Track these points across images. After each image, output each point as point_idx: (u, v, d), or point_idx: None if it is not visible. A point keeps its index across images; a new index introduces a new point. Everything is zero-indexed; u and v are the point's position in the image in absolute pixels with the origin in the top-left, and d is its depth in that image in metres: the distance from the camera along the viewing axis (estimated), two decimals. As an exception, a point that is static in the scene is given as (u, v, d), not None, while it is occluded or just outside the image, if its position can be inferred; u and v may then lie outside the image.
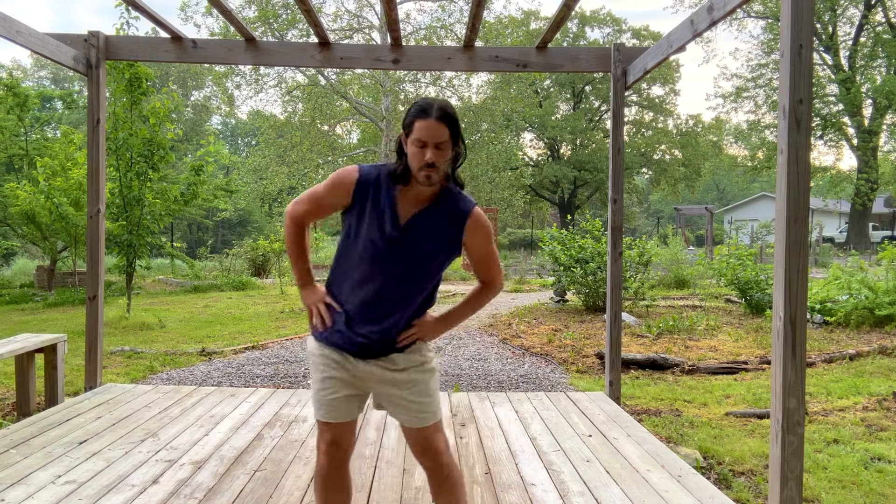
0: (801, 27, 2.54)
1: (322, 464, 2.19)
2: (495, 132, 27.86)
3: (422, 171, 1.98)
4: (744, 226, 36.08)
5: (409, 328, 2.15)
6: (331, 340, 2.16)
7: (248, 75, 25.45)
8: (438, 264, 2.13)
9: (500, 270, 2.26)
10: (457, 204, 2.11)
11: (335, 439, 2.18)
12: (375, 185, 2.07)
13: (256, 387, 5.95)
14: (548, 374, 6.66)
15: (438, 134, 1.95)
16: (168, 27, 4.71)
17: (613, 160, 4.89)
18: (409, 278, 2.09)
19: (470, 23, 4.54)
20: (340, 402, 2.16)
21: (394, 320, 2.12)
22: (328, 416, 2.16)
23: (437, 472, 2.20)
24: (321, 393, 2.16)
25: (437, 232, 2.09)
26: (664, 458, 3.56)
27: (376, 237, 2.06)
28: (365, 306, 2.11)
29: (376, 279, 2.08)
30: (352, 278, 2.12)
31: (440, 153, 1.97)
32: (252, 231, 36.40)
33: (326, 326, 2.16)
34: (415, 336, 2.16)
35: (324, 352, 2.17)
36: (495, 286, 2.27)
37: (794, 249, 2.57)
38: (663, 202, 56.78)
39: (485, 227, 2.14)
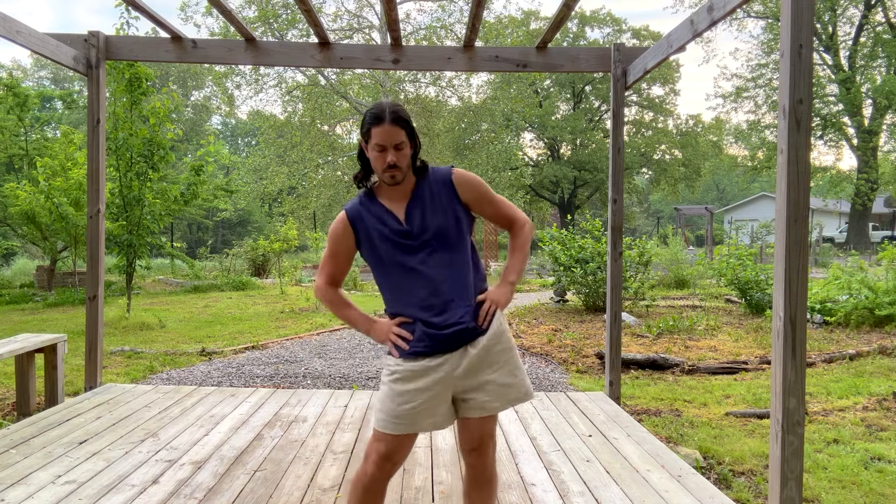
0: (801, 27, 2.54)
1: (370, 474, 2.16)
2: (495, 132, 27.88)
3: (386, 173, 2.10)
4: (744, 226, 36.09)
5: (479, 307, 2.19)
6: (416, 350, 2.15)
7: (248, 75, 25.45)
8: (457, 232, 2.18)
9: (515, 208, 2.32)
10: (436, 176, 2.21)
11: (390, 453, 2.15)
12: (364, 208, 2.20)
13: (256, 387, 5.95)
14: (548, 374, 6.66)
15: (395, 136, 2.07)
16: (168, 27, 4.71)
17: (613, 160, 4.89)
18: (443, 256, 2.15)
19: (470, 23, 4.54)
20: (422, 413, 2.13)
21: (461, 300, 2.15)
22: (399, 429, 2.13)
23: (482, 470, 2.27)
24: (400, 407, 2.12)
25: (435, 205, 2.17)
26: (664, 458, 3.56)
27: (391, 240, 2.15)
28: (431, 302, 2.14)
29: (419, 273, 2.14)
30: (402, 289, 2.17)
31: (400, 153, 2.09)
32: (252, 231, 36.43)
33: (409, 340, 2.17)
34: (491, 308, 2.20)
35: (407, 366, 2.15)
36: (522, 223, 2.31)
37: (794, 249, 2.57)
38: (663, 202, 56.78)
39: (472, 180, 2.22)
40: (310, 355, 7.52)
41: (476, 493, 2.30)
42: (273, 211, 35.29)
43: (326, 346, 8.16)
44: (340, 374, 6.60)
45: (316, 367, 6.87)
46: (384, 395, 2.18)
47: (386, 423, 2.14)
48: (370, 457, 2.17)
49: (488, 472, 2.28)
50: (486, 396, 2.18)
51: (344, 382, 6.25)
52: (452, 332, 2.13)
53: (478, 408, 2.20)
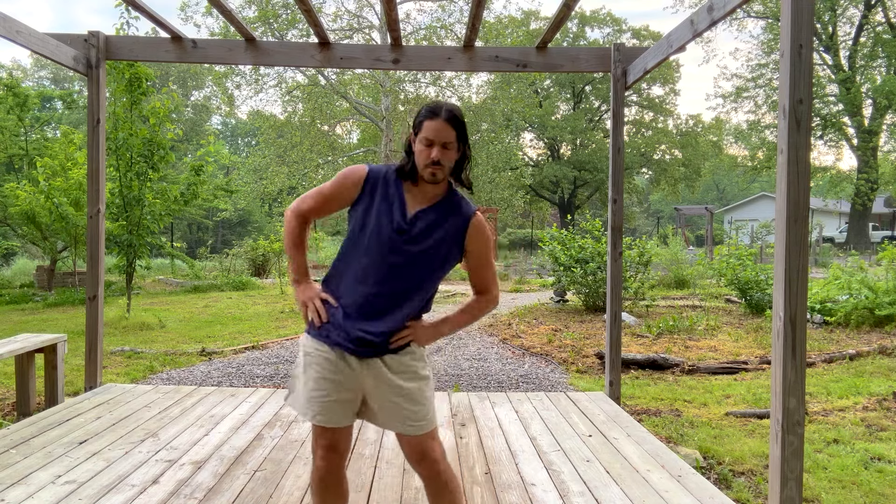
0: (801, 27, 2.54)
1: (319, 467, 2.18)
2: (495, 132, 27.86)
3: (427, 169, 2.07)
4: (744, 226, 36.08)
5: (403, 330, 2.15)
6: (329, 338, 2.13)
7: (248, 75, 25.44)
8: (440, 263, 2.15)
9: (496, 282, 2.27)
10: (460, 207, 2.18)
11: (332, 444, 2.16)
12: (384, 180, 2.15)
13: (256, 387, 5.95)
14: (548, 374, 6.66)
15: (445, 134, 2.05)
16: (168, 27, 4.71)
17: (613, 160, 4.89)
18: (410, 272, 2.11)
19: (470, 23, 4.54)
20: (335, 405, 2.13)
21: (391, 319, 2.12)
22: (323, 420, 2.13)
23: (435, 479, 2.19)
24: (315, 393, 2.13)
25: (440, 230, 2.13)
26: (664, 458, 3.56)
27: (385, 226, 2.10)
28: (365, 300, 2.11)
29: (379, 271, 2.10)
30: (354, 271, 2.13)
31: (446, 152, 2.07)
32: (252, 231, 36.40)
33: (322, 321, 2.15)
34: (408, 337, 2.15)
35: (321, 350, 2.14)
36: (491, 298, 2.28)
37: (794, 249, 2.57)
38: (663, 202, 56.77)
39: (485, 234, 2.20)
40: (310, 355, 7.51)
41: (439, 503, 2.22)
42: (273, 211, 35.31)
43: (326, 346, 8.16)
44: (340, 374, 6.59)
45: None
46: (302, 378, 2.17)
47: (309, 414, 2.14)
48: (316, 452, 2.19)
49: (443, 477, 2.19)
50: (383, 416, 2.17)
51: (344, 382, 6.24)
52: (358, 338, 2.10)
53: (379, 423, 2.20)
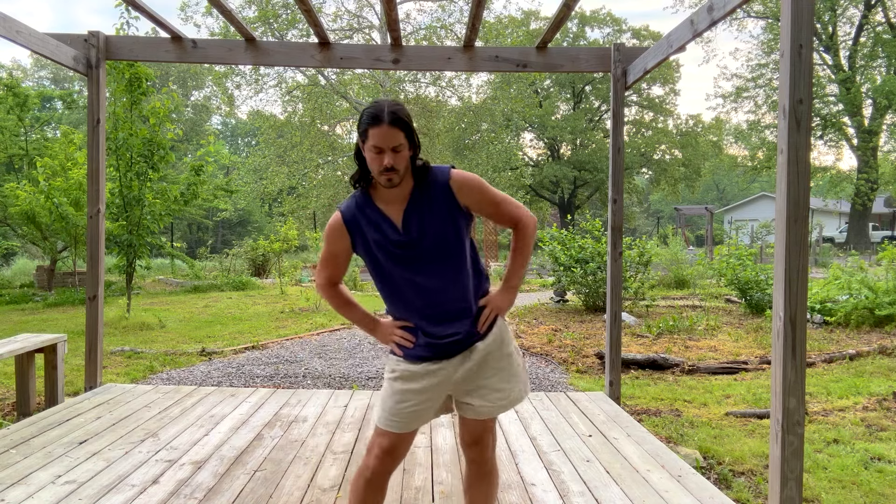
0: (801, 27, 2.54)
1: (372, 468, 2.17)
2: (495, 132, 27.88)
3: (382, 176, 2.01)
4: (744, 226, 36.09)
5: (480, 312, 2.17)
6: (416, 355, 2.17)
7: (248, 75, 25.46)
8: (455, 238, 2.11)
9: (518, 205, 2.23)
10: (435, 178, 2.11)
11: (392, 448, 2.17)
12: (360, 212, 2.13)
13: (256, 387, 5.95)
14: (548, 374, 6.66)
15: (393, 138, 1.98)
16: (168, 27, 4.71)
17: (613, 160, 4.89)
18: (441, 266, 2.10)
19: (470, 23, 4.54)
20: (415, 415, 2.16)
21: (460, 304, 2.13)
22: (397, 427, 2.16)
23: (482, 465, 2.29)
24: (398, 404, 2.15)
25: (433, 211, 2.09)
26: (664, 458, 3.56)
27: (389, 249, 2.10)
28: (429, 312, 2.13)
29: (417, 284, 2.11)
30: (400, 297, 2.16)
31: (398, 156, 2.00)
32: (252, 231, 36.42)
33: (412, 344, 2.18)
34: (491, 314, 2.18)
35: (406, 367, 2.18)
36: (526, 222, 2.22)
37: (794, 249, 2.57)
38: (663, 202, 56.78)
39: (471, 182, 2.12)
40: (310, 355, 7.52)
41: (476, 488, 2.32)
42: (273, 211, 35.31)
43: (326, 346, 8.16)
44: (340, 374, 6.60)
45: (316, 367, 6.87)
46: (385, 393, 2.21)
47: (385, 420, 2.17)
48: (372, 451, 2.19)
49: (488, 465, 2.30)
50: (479, 401, 2.21)
51: (344, 382, 6.25)
52: (449, 343, 2.14)
53: (473, 412, 2.23)
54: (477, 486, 2.31)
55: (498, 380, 2.20)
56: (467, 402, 2.23)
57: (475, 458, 2.28)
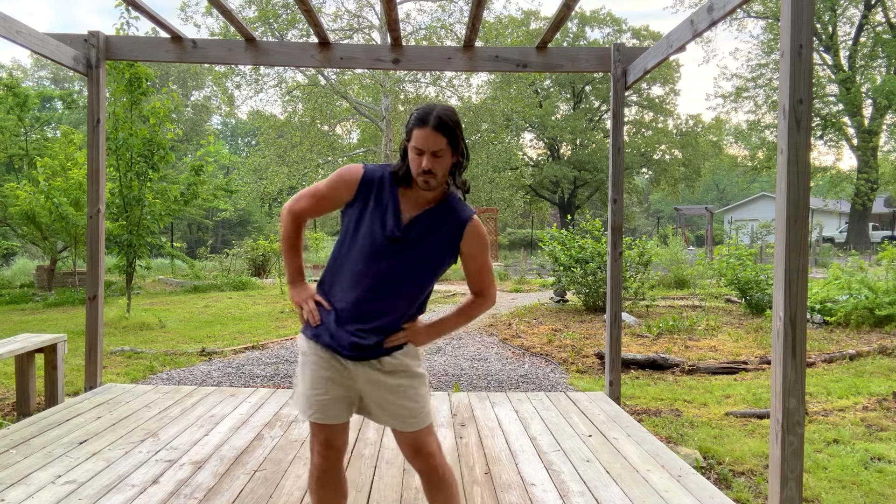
0: (801, 27, 2.54)
1: (317, 464, 2.19)
2: (495, 132, 27.87)
3: (420, 177, 2.04)
4: (744, 226, 36.09)
5: (398, 331, 2.15)
6: (322, 340, 2.14)
7: (248, 75, 25.46)
8: (434, 268, 2.14)
9: (493, 284, 2.27)
10: (456, 211, 2.14)
11: (328, 440, 2.17)
12: (379, 183, 2.12)
13: (256, 387, 5.95)
14: (548, 374, 6.66)
15: (435, 143, 1.99)
16: (168, 27, 4.71)
17: (613, 160, 4.89)
18: (404, 278, 2.10)
19: (470, 23, 4.54)
20: (331, 403, 2.14)
21: (385, 321, 2.11)
22: (320, 418, 2.15)
23: (431, 473, 2.20)
24: (312, 392, 2.14)
25: (436, 235, 2.11)
26: (664, 458, 3.56)
27: (378, 233, 2.08)
28: (358, 304, 2.10)
29: (373, 276, 2.09)
30: (348, 275, 2.12)
31: (437, 160, 2.02)
32: (252, 231, 36.40)
33: (316, 323, 2.16)
34: (404, 339, 2.16)
35: (316, 350, 2.15)
36: (488, 299, 2.26)
37: (794, 249, 2.57)
38: (663, 202, 56.78)
39: (482, 238, 2.16)
40: (310, 355, 7.52)
41: (437, 499, 2.22)
42: (273, 211, 35.31)
43: (326, 346, 8.16)
44: (340, 374, 6.59)
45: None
46: (300, 378, 2.19)
47: (308, 412, 2.16)
48: (313, 448, 2.20)
49: (440, 471, 2.19)
50: (381, 413, 2.18)
51: (344, 382, 6.24)
52: (350, 343, 2.10)
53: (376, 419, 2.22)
54: (436, 497, 2.22)
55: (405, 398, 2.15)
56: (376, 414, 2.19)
57: (423, 468, 2.19)
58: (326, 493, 2.21)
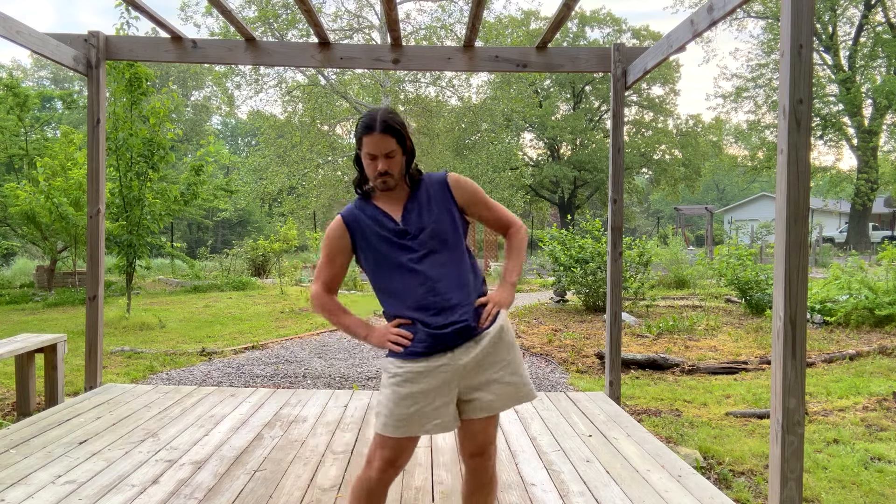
0: (801, 27, 2.54)
1: (372, 479, 2.13)
2: (495, 132, 27.87)
3: (378, 180, 2.15)
4: (744, 226, 36.08)
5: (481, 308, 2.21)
6: (416, 351, 2.12)
7: (248, 75, 25.46)
8: (453, 230, 2.20)
9: (510, 213, 2.37)
10: (431, 179, 2.26)
11: (394, 458, 2.12)
12: (360, 211, 2.24)
13: (256, 387, 5.95)
14: (548, 374, 6.66)
15: (385, 145, 2.10)
16: (168, 27, 4.71)
17: (613, 160, 4.89)
18: (441, 255, 2.16)
19: (470, 23, 4.54)
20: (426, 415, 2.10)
21: (459, 298, 2.15)
22: (399, 431, 2.09)
23: (484, 473, 2.27)
24: (401, 406, 2.09)
25: (431, 208, 2.20)
26: (664, 458, 3.56)
27: (389, 239, 2.18)
28: (429, 300, 2.12)
29: (417, 273, 2.14)
30: (398, 290, 2.17)
31: (391, 161, 2.13)
32: (252, 231, 36.39)
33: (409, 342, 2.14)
34: (493, 309, 2.22)
35: (408, 367, 2.12)
36: (518, 227, 2.36)
37: (794, 249, 2.57)
38: (663, 202, 56.76)
39: (467, 182, 2.26)
40: (310, 355, 7.52)
41: (476, 496, 2.29)
42: (273, 211, 35.28)
43: (326, 346, 8.16)
44: (340, 374, 6.60)
45: (316, 367, 6.87)
46: (386, 399, 2.13)
47: (389, 426, 2.10)
48: (373, 462, 2.13)
49: (489, 474, 2.27)
50: (490, 395, 2.16)
51: (344, 382, 6.25)
52: (452, 331, 2.10)
53: (482, 408, 2.16)
54: (477, 495, 2.29)
55: (508, 372, 2.18)
56: (477, 398, 2.16)
57: (477, 468, 2.25)
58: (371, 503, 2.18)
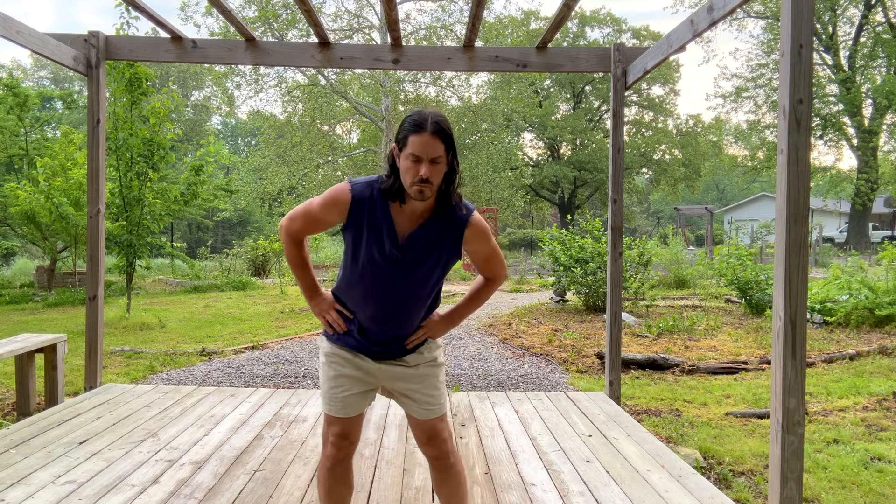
0: (801, 27, 2.54)
1: (329, 454, 2.23)
2: (495, 132, 27.86)
3: (415, 187, 1.94)
4: (744, 226, 36.08)
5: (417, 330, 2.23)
6: (348, 344, 2.22)
7: (248, 75, 25.46)
8: (441, 273, 2.17)
9: (503, 264, 2.30)
10: (454, 214, 2.09)
11: (344, 432, 2.22)
12: (370, 203, 2.05)
13: (256, 387, 5.95)
14: (548, 374, 6.66)
15: (433, 149, 1.91)
16: (168, 27, 4.71)
17: (613, 160, 4.89)
18: (412, 292, 2.14)
19: (470, 23, 4.54)
20: (352, 398, 2.22)
21: (404, 328, 2.20)
22: (340, 412, 2.22)
23: (442, 460, 2.26)
24: (333, 390, 2.22)
25: (436, 246, 2.10)
26: (664, 458, 3.56)
27: (376, 256, 2.06)
28: (373, 319, 2.17)
29: (381, 295, 2.13)
30: (357, 293, 2.17)
31: (435, 168, 1.94)
32: (252, 231, 36.39)
33: (342, 331, 2.23)
34: (423, 336, 2.24)
35: (337, 351, 2.23)
36: (498, 280, 2.32)
37: (794, 249, 2.57)
38: (663, 202, 56.75)
39: (484, 232, 2.15)
40: (310, 355, 7.52)
41: (445, 485, 2.28)
42: (273, 211, 35.27)
43: (326, 346, 8.16)
44: (340, 374, 6.59)
45: (316, 367, 6.87)
46: (323, 377, 2.26)
47: (328, 407, 2.23)
48: (328, 439, 2.23)
49: (450, 458, 2.26)
50: (403, 399, 2.27)
51: (344, 382, 6.24)
52: (378, 350, 2.20)
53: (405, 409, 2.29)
54: (446, 484, 2.28)
55: (427, 387, 2.25)
56: (400, 401, 2.28)
57: (435, 455, 2.25)
58: (336, 484, 2.25)
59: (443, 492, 2.30)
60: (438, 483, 2.30)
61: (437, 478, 2.30)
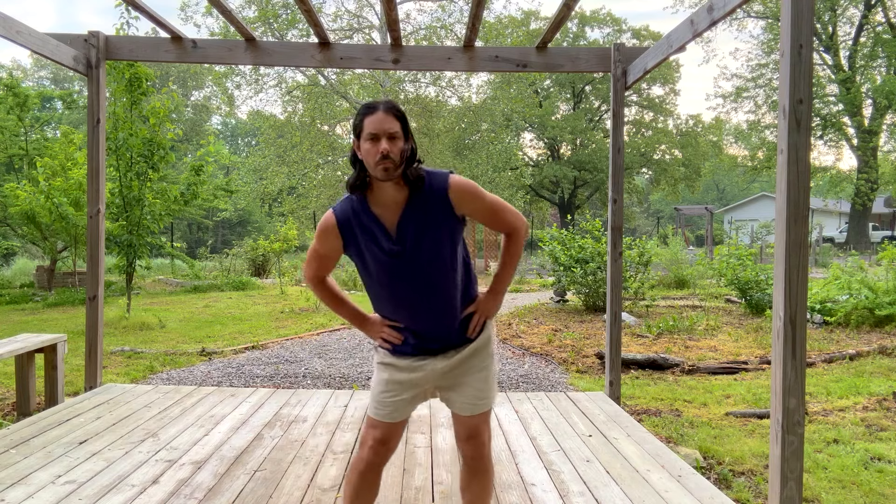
0: (801, 27, 2.54)
1: (365, 457, 2.22)
2: (495, 132, 27.86)
3: (379, 166, 1.99)
4: (744, 226, 36.08)
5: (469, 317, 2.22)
6: (404, 352, 2.22)
7: (248, 75, 25.46)
8: (450, 248, 2.13)
9: (514, 212, 2.24)
10: (432, 185, 2.09)
11: (385, 437, 2.22)
12: (354, 216, 2.12)
13: (256, 387, 5.95)
14: (548, 374, 6.66)
15: (389, 124, 1.99)
16: (168, 27, 4.71)
17: (613, 160, 4.89)
18: (433, 274, 2.12)
19: (470, 23, 4.54)
20: (400, 403, 2.22)
21: (448, 314, 2.17)
22: (386, 417, 2.21)
23: (477, 460, 2.29)
24: (383, 394, 2.22)
25: (429, 221, 2.08)
26: (664, 458, 3.56)
27: (381, 258, 2.11)
28: (416, 318, 2.17)
29: (405, 292, 2.13)
30: (387, 302, 2.19)
31: (394, 143, 1.99)
32: (252, 231, 36.40)
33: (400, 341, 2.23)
34: (481, 319, 2.23)
35: (394, 361, 2.23)
36: (518, 230, 2.24)
37: (794, 249, 2.57)
38: (663, 202, 56.75)
39: (470, 191, 2.11)
40: (310, 355, 7.52)
41: (473, 485, 2.31)
42: (273, 211, 35.26)
43: (326, 346, 8.16)
44: (340, 374, 6.60)
45: (316, 367, 6.87)
46: (374, 381, 2.28)
47: (375, 410, 2.23)
48: (366, 442, 2.23)
49: (484, 463, 2.29)
50: (458, 398, 2.26)
51: (344, 382, 6.25)
52: (439, 346, 2.21)
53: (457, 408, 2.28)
54: (473, 485, 2.31)
55: (478, 379, 2.25)
56: (448, 397, 2.28)
57: (471, 454, 2.28)
58: (364, 488, 2.25)
59: (468, 492, 2.33)
60: (466, 482, 2.32)
61: (466, 477, 2.32)
